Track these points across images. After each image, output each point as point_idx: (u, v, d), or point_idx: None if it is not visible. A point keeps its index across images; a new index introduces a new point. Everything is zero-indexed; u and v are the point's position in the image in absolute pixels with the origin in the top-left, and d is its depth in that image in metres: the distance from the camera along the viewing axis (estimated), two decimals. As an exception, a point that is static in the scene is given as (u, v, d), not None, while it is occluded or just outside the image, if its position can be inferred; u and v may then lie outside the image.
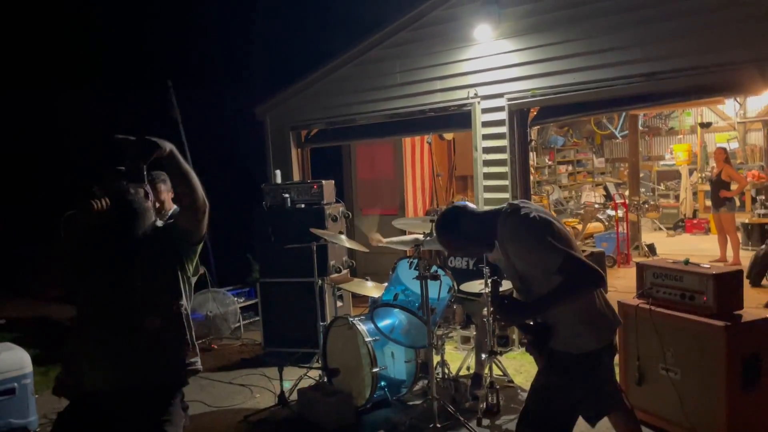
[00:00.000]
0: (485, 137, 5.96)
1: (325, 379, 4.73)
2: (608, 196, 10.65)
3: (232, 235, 7.86)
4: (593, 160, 15.19)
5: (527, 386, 4.61)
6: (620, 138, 14.15)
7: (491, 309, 2.48)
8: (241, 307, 6.92)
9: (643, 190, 12.43)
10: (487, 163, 5.98)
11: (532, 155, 11.57)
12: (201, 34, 13.05)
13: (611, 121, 13.78)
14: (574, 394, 2.69)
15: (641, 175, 12.08)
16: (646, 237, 10.44)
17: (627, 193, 10.69)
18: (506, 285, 4.38)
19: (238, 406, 4.80)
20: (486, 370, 4.48)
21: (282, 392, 4.67)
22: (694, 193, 12.47)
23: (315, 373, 5.06)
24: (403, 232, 6.16)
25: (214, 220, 2.67)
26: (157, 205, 4.30)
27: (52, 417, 4.25)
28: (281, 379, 4.70)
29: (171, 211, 4.33)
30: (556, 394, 2.68)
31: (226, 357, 6.12)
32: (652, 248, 9.68)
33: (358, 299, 6.65)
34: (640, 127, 12.55)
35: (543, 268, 2.53)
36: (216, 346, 6.43)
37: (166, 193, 4.31)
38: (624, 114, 12.26)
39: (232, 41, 13.36)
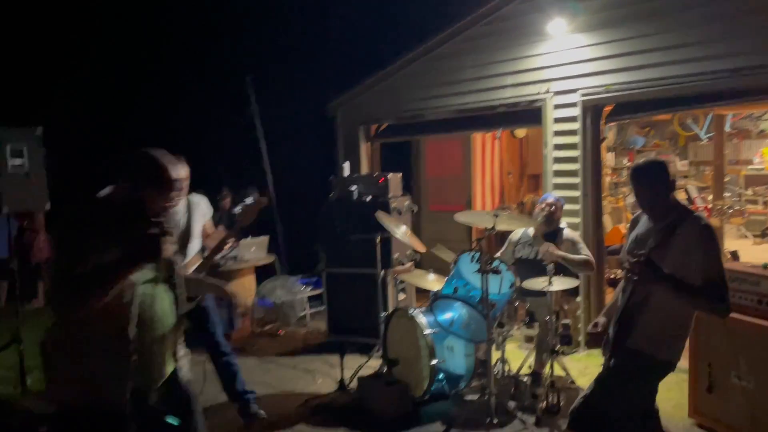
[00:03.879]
0: (557, 133, 5.84)
1: (385, 369, 4.79)
2: (689, 200, 10.17)
3: (303, 226, 8.05)
4: (676, 162, 14.48)
5: (590, 388, 4.52)
6: (705, 140, 13.39)
7: (626, 262, 2.60)
8: (308, 297, 7.10)
9: (728, 194, 11.76)
10: (557, 160, 5.86)
11: (610, 155, 11.21)
12: (279, 34, 13.45)
13: (696, 121, 13.08)
14: (639, 398, 2.78)
15: (727, 179, 11.44)
16: (731, 244, 9.85)
17: (710, 197, 10.16)
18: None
19: (300, 390, 4.95)
20: (547, 369, 4.41)
21: (342, 379, 4.77)
22: (786, 200, 11.69)
23: (375, 363, 5.14)
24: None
25: (288, 211, 2.82)
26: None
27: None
28: (342, 367, 4.80)
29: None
30: (630, 394, 2.75)
31: (292, 343, 6.31)
32: (735, 255, 9.14)
33: (422, 293, 6.67)
34: (728, 129, 11.86)
35: (696, 274, 2.59)
36: (282, 332, 6.64)
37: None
38: (710, 115, 11.65)
39: (307, 40, 13.69)
